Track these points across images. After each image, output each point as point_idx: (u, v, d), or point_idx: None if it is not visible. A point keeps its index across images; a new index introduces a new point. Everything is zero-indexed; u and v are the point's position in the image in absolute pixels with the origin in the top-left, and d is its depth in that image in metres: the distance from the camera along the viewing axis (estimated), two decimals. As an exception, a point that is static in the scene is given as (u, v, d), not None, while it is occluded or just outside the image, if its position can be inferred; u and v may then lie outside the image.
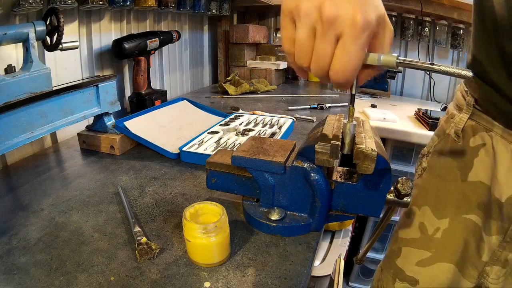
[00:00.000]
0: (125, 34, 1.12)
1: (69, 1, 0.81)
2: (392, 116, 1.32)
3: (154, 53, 1.16)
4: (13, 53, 0.76)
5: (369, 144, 0.42)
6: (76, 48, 0.74)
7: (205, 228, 0.42)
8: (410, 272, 0.63)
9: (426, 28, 1.66)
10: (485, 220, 0.56)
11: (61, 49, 0.70)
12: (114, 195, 0.62)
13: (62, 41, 0.69)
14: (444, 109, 1.49)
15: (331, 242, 1.11)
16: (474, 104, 0.56)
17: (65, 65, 0.92)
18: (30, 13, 0.79)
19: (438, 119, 1.19)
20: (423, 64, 0.35)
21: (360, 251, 0.82)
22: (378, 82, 1.76)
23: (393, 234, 0.73)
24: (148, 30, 1.22)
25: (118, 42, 1.02)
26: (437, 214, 0.61)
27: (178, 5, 1.23)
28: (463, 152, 0.58)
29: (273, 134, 0.90)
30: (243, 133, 0.90)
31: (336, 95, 1.58)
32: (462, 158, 0.58)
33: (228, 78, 1.63)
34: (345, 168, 0.52)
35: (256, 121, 1.00)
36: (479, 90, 0.54)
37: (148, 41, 1.09)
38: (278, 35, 1.83)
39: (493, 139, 0.53)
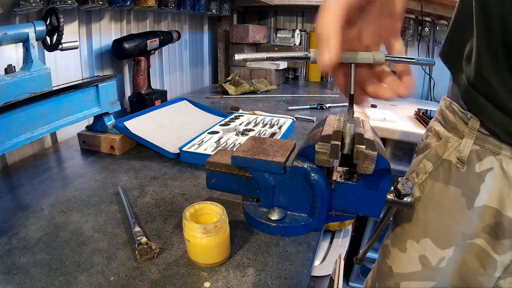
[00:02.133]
0: (125, 34, 1.12)
1: (69, 1, 0.81)
2: (392, 116, 1.32)
3: (154, 53, 1.16)
4: (13, 53, 0.76)
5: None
6: (76, 48, 0.74)
7: (205, 228, 0.42)
8: None
9: (426, 28, 1.65)
10: (493, 241, 0.54)
11: (61, 49, 0.70)
12: (114, 195, 0.62)
13: (62, 41, 0.69)
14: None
15: (331, 242, 1.11)
16: (479, 128, 0.52)
17: (65, 65, 0.92)
18: (30, 13, 0.79)
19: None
20: (407, 59, 0.38)
21: (360, 251, 0.82)
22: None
23: (381, 267, 0.69)
24: (148, 30, 1.22)
25: (118, 42, 1.02)
26: (441, 245, 0.58)
27: (178, 5, 1.23)
28: (468, 179, 0.54)
29: (273, 134, 0.90)
30: (243, 133, 0.90)
31: (336, 95, 1.58)
32: (468, 185, 0.54)
33: (228, 78, 1.63)
34: (345, 168, 0.52)
35: (256, 121, 1.00)
36: (487, 114, 0.50)
37: (148, 41, 1.09)
38: (278, 34, 1.83)
39: (502, 161, 0.50)
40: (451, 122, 0.57)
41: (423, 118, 1.31)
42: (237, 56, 0.38)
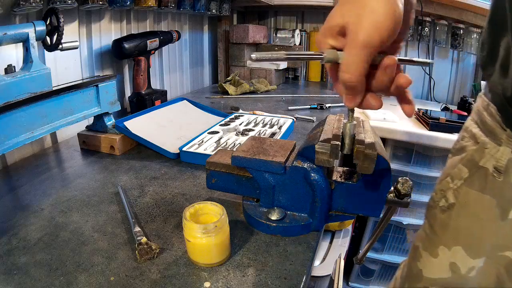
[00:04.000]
0: (125, 34, 1.12)
1: (69, 1, 0.81)
2: (392, 116, 1.32)
3: (154, 53, 1.16)
4: (13, 53, 0.76)
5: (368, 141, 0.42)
6: (76, 48, 0.74)
7: (205, 228, 0.42)
8: None
9: (426, 28, 1.65)
10: None
11: (61, 49, 0.70)
12: (114, 195, 0.62)
13: (62, 41, 0.69)
14: (445, 109, 1.48)
15: (331, 242, 1.11)
16: None
17: (65, 65, 0.92)
18: (30, 13, 0.79)
19: (438, 119, 1.19)
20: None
21: (360, 251, 0.81)
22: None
23: (411, 269, 0.69)
24: (148, 30, 1.22)
25: (118, 42, 1.02)
26: (472, 254, 0.57)
27: (178, 5, 1.23)
28: (504, 189, 0.51)
29: (273, 134, 0.90)
30: (243, 133, 0.90)
31: (336, 95, 1.58)
32: (503, 196, 0.52)
33: (228, 78, 1.63)
34: (345, 168, 0.52)
35: (256, 121, 1.00)
36: None
37: (148, 41, 1.09)
38: (278, 34, 1.83)
39: None
40: (488, 125, 0.54)
41: (423, 118, 1.31)
42: (254, 55, 0.36)
